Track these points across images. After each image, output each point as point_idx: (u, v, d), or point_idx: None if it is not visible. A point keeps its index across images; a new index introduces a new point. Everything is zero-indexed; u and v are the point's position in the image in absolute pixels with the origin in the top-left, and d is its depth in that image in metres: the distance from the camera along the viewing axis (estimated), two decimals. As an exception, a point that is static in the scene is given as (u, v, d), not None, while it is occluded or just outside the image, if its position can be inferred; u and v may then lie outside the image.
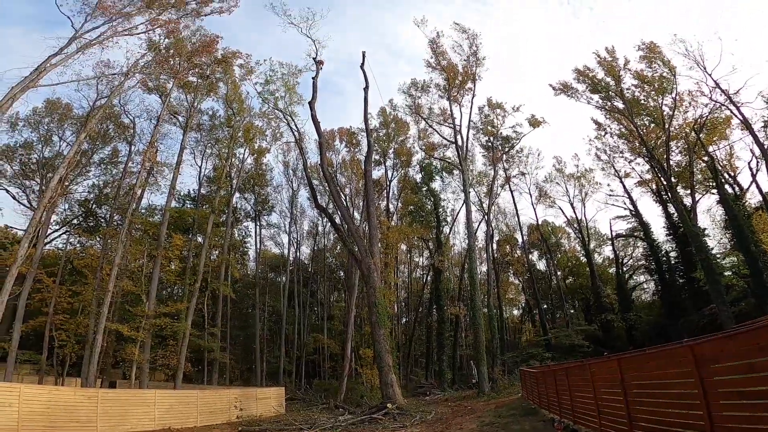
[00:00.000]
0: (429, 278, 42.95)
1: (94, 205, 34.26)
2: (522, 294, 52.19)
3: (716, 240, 37.75)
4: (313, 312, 49.28)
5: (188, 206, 38.86)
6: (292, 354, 38.94)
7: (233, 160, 34.68)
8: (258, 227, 43.57)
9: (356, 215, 37.16)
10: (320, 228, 47.38)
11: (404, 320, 48.48)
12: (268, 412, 19.60)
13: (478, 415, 14.85)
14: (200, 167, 33.99)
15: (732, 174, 34.62)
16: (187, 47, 25.92)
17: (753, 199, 34.14)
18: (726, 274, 33.22)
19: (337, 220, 28.83)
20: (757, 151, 29.75)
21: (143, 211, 35.16)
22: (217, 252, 36.93)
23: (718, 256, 34.13)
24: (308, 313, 48.36)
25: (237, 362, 38.01)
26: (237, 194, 38.66)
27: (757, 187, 31.69)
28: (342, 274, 49.92)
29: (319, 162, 28.77)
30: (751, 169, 32.23)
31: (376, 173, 41.78)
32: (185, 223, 34.54)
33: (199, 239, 32.94)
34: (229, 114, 32.08)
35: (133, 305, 24.94)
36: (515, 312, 57.80)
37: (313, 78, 28.21)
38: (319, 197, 34.20)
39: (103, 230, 28.75)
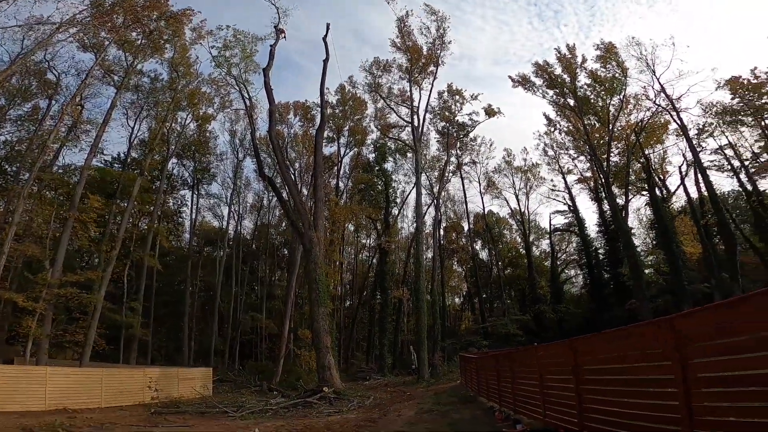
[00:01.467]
0: (375, 260, 42.24)
1: (3, 163, 29.42)
2: (464, 282, 53.38)
3: (641, 239, 41.17)
4: (253, 290, 46.91)
5: (117, 169, 34.67)
6: (227, 334, 36.71)
7: (173, 124, 32.47)
8: (195, 196, 40.55)
9: (304, 192, 35.47)
10: (265, 202, 44.73)
11: (348, 303, 47.76)
12: (192, 394, 17.86)
13: (417, 402, 14.38)
14: (133, 128, 30.81)
15: (662, 177, 37.11)
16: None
17: (678, 202, 37.24)
18: (647, 271, 36.17)
19: (285, 195, 27.08)
20: (690, 157, 31.83)
21: (59, 170, 30.87)
22: (147, 220, 33.55)
23: (642, 253, 37.02)
24: (247, 291, 45.97)
25: (162, 341, 35.09)
26: (174, 160, 36.27)
27: (685, 190, 34.16)
28: (286, 252, 47.82)
29: (268, 131, 26.78)
30: (681, 173, 34.60)
31: (329, 149, 40.93)
32: (110, 187, 30.86)
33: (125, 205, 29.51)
34: (173, 77, 29.81)
35: (35, 272, 21.66)
36: (456, 300, 59.14)
37: (271, 46, 27.09)
38: (267, 171, 32.32)
39: (11, 187, 24.63)
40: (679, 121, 29.96)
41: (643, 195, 37.32)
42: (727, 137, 31.68)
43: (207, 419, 12.95)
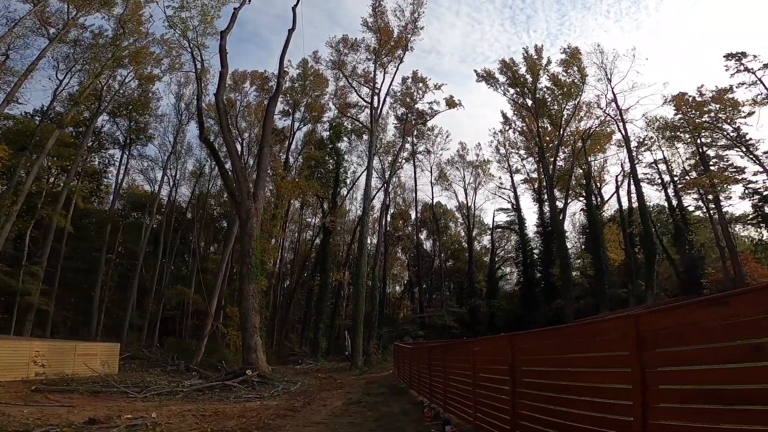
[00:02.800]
0: (318, 240, 40.91)
1: None
2: (406, 270, 53.74)
3: (572, 242, 44.01)
4: (184, 263, 43.72)
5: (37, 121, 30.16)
6: (148, 308, 33.65)
7: (111, 81, 30.91)
8: (126, 156, 36.82)
9: (252, 163, 33.37)
10: (207, 170, 41.37)
11: (287, 283, 46.15)
12: (90, 372, 15.76)
13: (347, 391, 13.67)
14: (61, 81, 27.85)
15: (599, 185, 39.62)
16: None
17: (609, 211, 40.07)
18: (574, 274, 38.53)
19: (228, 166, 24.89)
20: (627, 168, 33.98)
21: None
22: (65, 177, 29.71)
23: (572, 256, 39.37)
24: (177, 263, 42.83)
25: (69, 313, 31.35)
26: (106, 116, 33.81)
27: (618, 200, 36.70)
28: (225, 224, 44.87)
29: (215, 94, 24.51)
30: (617, 182, 37.03)
31: (282, 123, 39.59)
32: (27, 140, 27.23)
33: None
34: (118, 33, 28.23)
35: None
36: (397, 288, 59.61)
37: (235, 9, 25.57)
38: (213, 140, 29.71)
39: None
40: (623, 132, 31.94)
41: (580, 200, 39.91)
42: (663, 152, 34.30)
43: (100, 399, 11.29)
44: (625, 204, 36.07)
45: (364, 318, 27.41)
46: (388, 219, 46.60)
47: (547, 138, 35.97)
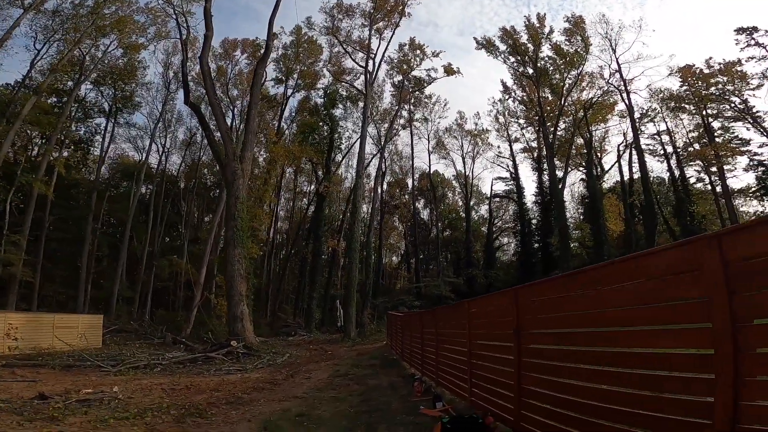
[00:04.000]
0: (313, 207, 40.00)
1: None
2: (403, 239, 53.27)
3: (570, 213, 43.41)
4: (178, 233, 42.95)
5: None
6: (138, 279, 32.97)
7: (94, 50, 30.02)
8: (112, 124, 35.92)
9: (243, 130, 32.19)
10: (198, 138, 40.02)
11: (283, 253, 45.63)
12: (68, 346, 15.04)
13: (336, 363, 13.01)
14: (39, 51, 26.89)
15: (599, 155, 38.65)
16: None
17: (608, 182, 39.30)
18: (573, 244, 37.93)
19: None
20: (630, 138, 33.12)
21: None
22: (47, 145, 28.80)
23: (570, 226, 38.72)
24: (170, 232, 42.19)
25: (57, 285, 30.58)
26: (90, 85, 33.23)
27: (619, 170, 36.00)
28: (219, 192, 43.77)
29: (200, 57, 23.11)
30: (618, 152, 36.16)
31: (275, 90, 38.87)
32: (2, 109, 25.86)
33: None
34: (100, 1, 27.33)
35: None
36: (394, 259, 59.37)
37: None
38: (203, 108, 28.48)
39: None
40: (627, 102, 31.27)
41: (579, 170, 39.22)
42: (666, 123, 33.56)
43: (70, 374, 10.55)
44: (626, 174, 35.51)
45: (359, 288, 26.84)
46: (385, 187, 46.26)
47: (548, 107, 35.16)
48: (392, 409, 6.36)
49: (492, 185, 46.81)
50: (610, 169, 38.52)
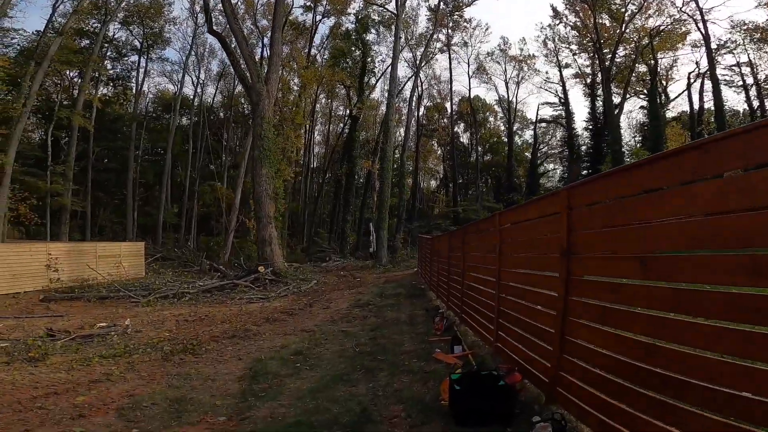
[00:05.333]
0: (347, 129, 39.06)
1: None
2: (441, 163, 51.62)
3: (624, 141, 40.82)
4: (219, 159, 44.41)
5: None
6: (183, 206, 34.38)
7: None
8: (146, 61, 37.17)
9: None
10: (232, 69, 39.33)
11: (318, 178, 45.97)
12: (110, 276, 15.60)
13: (360, 291, 12.56)
14: None
15: (664, 84, 36.39)
16: None
17: (671, 111, 37.45)
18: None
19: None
20: (703, 67, 31.62)
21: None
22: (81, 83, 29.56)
23: (624, 153, 35.80)
24: (214, 160, 43.75)
25: (109, 213, 32.45)
26: (118, 25, 33.90)
27: (689, 99, 34.46)
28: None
29: None
30: (689, 80, 34.36)
31: (304, 17, 36.79)
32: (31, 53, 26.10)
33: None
34: None
35: None
36: (433, 183, 58.27)
37: None
38: (231, 43, 27.30)
39: None
40: (703, 31, 29.41)
41: (639, 98, 37.78)
42: (748, 55, 31.29)
43: (102, 306, 10.80)
44: (696, 104, 33.99)
45: (393, 211, 26.07)
46: (423, 111, 44.46)
47: (605, 34, 33.47)
48: (403, 350, 5.53)
49: (538, 110, 44.94)
50: (676, 97, 36.91)
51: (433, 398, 3.59)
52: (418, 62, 36.43)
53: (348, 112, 38.73)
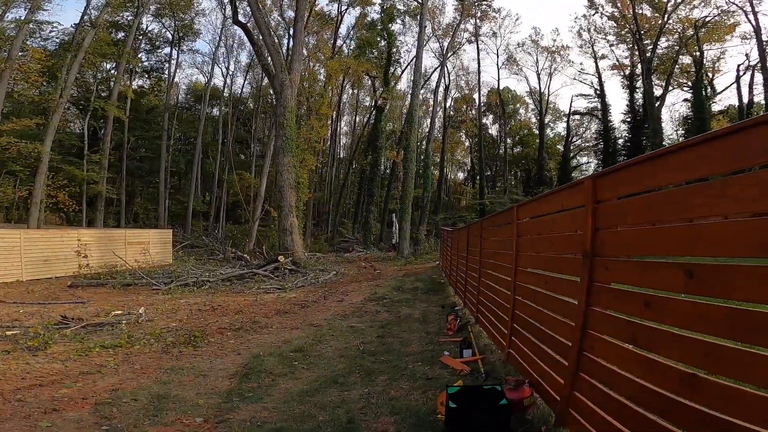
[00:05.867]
0: (371, 119, 38.89)
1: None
2: (469, 155, 50.48)
3: (666, 134, 38.53)
4: (248, 148, 45.48)
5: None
6: (212, 194, 35.30)
7: None
8: (177, 52, 38.22)
9: (304, 52, 31.68)
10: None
11: (343, 169, 46.18)
12: (137, 263, 16.01)
13: (378, 284, 12.25)
14: None
15: (710, 76, 34.64)
16: None
17: (719, 104, 35.47)
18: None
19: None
20: (754, 59, 29.79)
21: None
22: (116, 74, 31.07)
23: (665, 145, 33.99)
24: (243, 149, 45.02)
25: (144, 201, 33.68)
26: (150, 17, 35.03)
27: (738, 92, 32.45)
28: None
29: None
30: (738, 72, 32.29)
31: (329, 7, 36.52)
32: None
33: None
34: None
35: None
36: (460, 175, 57.24)
37: None
38: (255, 34, 27.54)
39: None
40: (754, 23, 28.03)
41: (683, 90, 36.00)
42: None
43: (124, 293, 11.02)
44: (745, 98, 31.85)
45: (417, 202, 25.56)
46: (450, 102, 43.84)
47: (646, 25, 32.36)
48: (409, 351, 5.17)
49: (572, 102, 43.36)
50: (723, 90, 34.93)
51: (430, 411, 3.21)
52: (444, 52, 35.71)
53: (373, 102, 38.58)
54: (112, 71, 34.07)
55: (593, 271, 2.66)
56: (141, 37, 35.07)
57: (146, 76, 39.42)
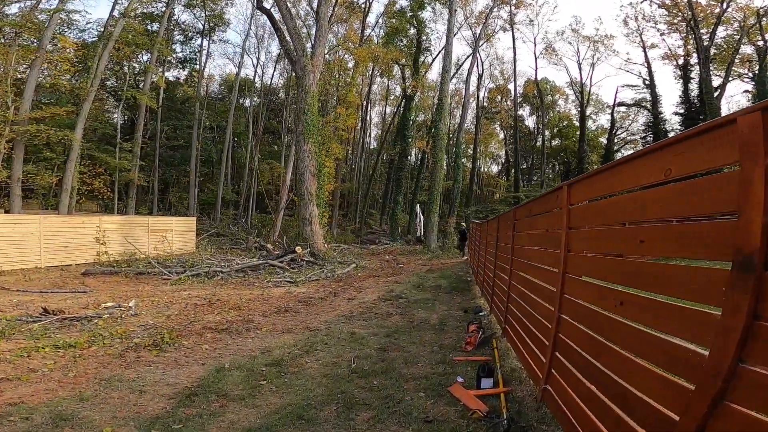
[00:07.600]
0: (401, 108, 37.71)
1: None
2: (504, 147, 48.19)
3: None
4: (280, 138, 45.86)
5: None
6: (242, 183, 35.48)
7: None
8: (208, 43, 38.43)
9: (332, 40, 32.87)
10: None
11: (374, 161, 45.52)
12: (156, 251, 15.80)
13: (397, 280, 11.18)
14: None
15: None
16: None
17: None
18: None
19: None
20: None
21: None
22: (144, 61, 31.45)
23: None
24: (275, 139, 45.27)
25: (174, 190, 34.24)
26: (182, 7, 35.35)
27: None
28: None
29: None
30: None
31: None
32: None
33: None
34: None
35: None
36: (494, 168, 54.85)
37: None
38: (278, 19, 27.24)
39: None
40: None
41: (743, 81, 33.30)
42: None
43: (133, 282, 10.59)
44: None
45: (447, 194, 24.21)
46: (485, 93, 42.07)
47: (701, 14, 30.37)
48: (412, 372, 4.08)
49: (616, 93, 40.71)
50: None
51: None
52: (476, 39, 34.02)
53: (402, 91, 37.39)
54: (148, 63, 34.97)
55: (761, 298, 1.30)
56: (174, 28, 35.41)
57: (180, 66, 40.00)
